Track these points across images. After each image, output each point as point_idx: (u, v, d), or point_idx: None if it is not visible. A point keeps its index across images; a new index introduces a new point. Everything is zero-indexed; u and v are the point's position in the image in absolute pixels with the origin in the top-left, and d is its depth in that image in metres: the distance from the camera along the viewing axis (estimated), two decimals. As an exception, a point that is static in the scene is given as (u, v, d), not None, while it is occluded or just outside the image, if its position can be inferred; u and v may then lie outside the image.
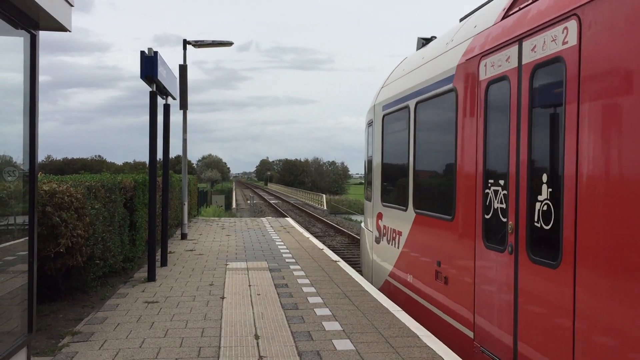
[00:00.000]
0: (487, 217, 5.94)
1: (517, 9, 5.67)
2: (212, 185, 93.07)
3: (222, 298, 8.72)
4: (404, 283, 8.71)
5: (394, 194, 9.47)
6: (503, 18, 5.92)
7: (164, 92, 11.28)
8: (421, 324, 7.33)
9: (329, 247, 18.90)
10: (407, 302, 8.40)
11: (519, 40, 5.33)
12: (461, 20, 7.98)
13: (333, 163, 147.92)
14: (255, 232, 18.61)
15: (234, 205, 52.24)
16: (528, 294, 5.11)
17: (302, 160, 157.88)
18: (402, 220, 8.75)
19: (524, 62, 5.27)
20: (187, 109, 17.10)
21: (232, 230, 19.22)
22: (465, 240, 6.47)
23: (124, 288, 9.48)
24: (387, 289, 9.51)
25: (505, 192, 5.57)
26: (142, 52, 9.65)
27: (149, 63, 9.65)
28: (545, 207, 4.89)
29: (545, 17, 4.89)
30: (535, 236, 5.06)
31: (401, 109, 8.89)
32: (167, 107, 12.07)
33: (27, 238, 5.76)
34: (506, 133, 5.55)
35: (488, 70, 5.96)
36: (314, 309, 8.00)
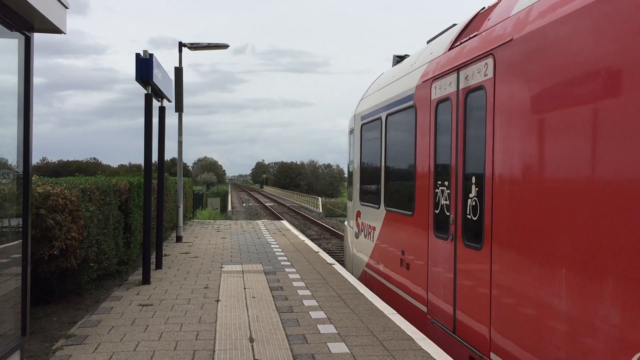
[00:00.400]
0: (437, 212, 7.24)
1: (459, 43, 6.98)
2: (208, 187, 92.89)
3: (217, 301, 8.71)
4: (377, 271, 10.07)
5: (369, 194, 10.80)
6: (449, 49, 7.26)
7: (160, 95, 11.27)
8: (391, 306, 8.39)
9: (324, 249, 18.89)
10: (380, 289, 9.69)
11: (458, 69, 6.66)
12: (428, 42, 9.10)
13: (329, 166, 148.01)
14: (250, 234, 18.59)
15: (229, 208, 52.14)
16: (463, 272, 6.43)
17: (298, 163, 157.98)
18: (375, 217, 10.12)
19: (460, 87, 6.59)
20: (182, 111, 17.09)
21: (227, 232, 19.19)
22: (421, 232, 7.77)
23: (118, 291, 9.45)
24: (364, 278, 10.83)
25: (448, 191, 6.86)
26: (138, 55, 9.64)
27: (145, 65, 9.64)
28: (473, 203, 6.17)
29: (475, 53, 6.22)
30: (467, 226, 6.34)
31: (375, 119, 10.25)
32: (162, 110, 12.06)
33: (21, 240, 5.74)
34: (449, 143, 6.86)
35: (437, 91, 7.31)
36: (309, 312, 7.99)
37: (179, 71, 16.78)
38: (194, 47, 17.67)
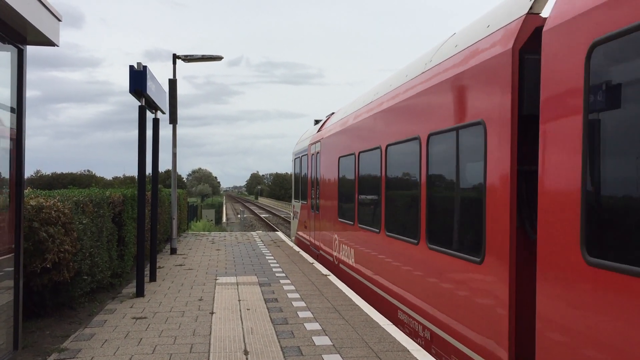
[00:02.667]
0: (312, 200, 16.61)
1: (319, 130, 16.24)
2: (203, 199, 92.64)
3: (212, 313, 8.66)
4: (299, 235, 19.56)
5: (297, 195, 20.36)
6: (317, 132, 16.49)
7: (153, 107, 11.26)
8: (303, 250, 17.40)
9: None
10: (301, 242, 18.85)
11: (316, 142, 16.06)
12: (326, 116, 17.37)
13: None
14: (245, 246, 18.53)
15: (224, 220, 52.00)
16: (317, 224, 15.76)
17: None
18: (298, 207, 19.76)
19: (316, 150, 16.04)
20: (176, 123, 17.07)
21: (222, 244, 19.13)
22: (308, 209, 17.11)
23: (112, 304, 9.39)
24: (296, 240, 20.16)
25: (314, 191, 16.21)
26: (131, 67, 9.63)
27: (138, 77, 9.63)
28: (318, 196, 15.63)
29: (318, 138, 15.73)
30: (317, 205, 15.76)
31: (297, 157, 20.07)
32: (156, 121, 12.03)
33: (13, 254, 5.70)
34: (315, 171, 16.08)
35: (312, 150, 16.67)
36: (304, 324, 7.95)
37: (173, 83, 16.79)
38: (188, 59, 17.70)
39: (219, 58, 18.30)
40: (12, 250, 5.68)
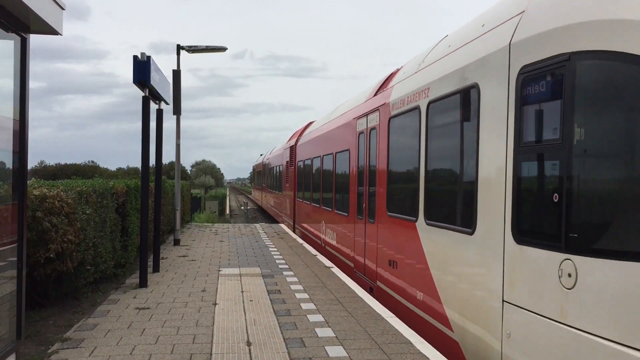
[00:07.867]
0: (256, 185, 55.51)
1: (257, 161, 55.25)
2: (206, 191, 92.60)
3: (215, 304, 8.66)
4: (256, 199, 56.34)
5: (254, 183, 60.40)
6: (256, 162, 55.97)
7: (157, 97, 11.23)
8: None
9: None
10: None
11: (256, 165, 55.22)
12: (258, 156, 53.18)
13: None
14: (248, 238, 18.54)
15: (227, 211, 52.06)
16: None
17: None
18: (256, 189, 55.81)
19: (255, 169, 58.20)
20: (180, 114, 17.05)
21: (225, 236, 19.14)
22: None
23: (115, 294, 9.40)
24: (255, 198, 61.04)
25: (255, 182, 59.22)
26: (135, 57, 9.59)
27: (142, 68, 9.60)
28: (255, 183, 59.21)
29: (254, 165, 63.94)
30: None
31: (255, 168, 56.54)
32: (159, 112, 12.01)
33: (17, 244, 5.69)
34: (256, 176, 56.76)
35: (255, 167, 57.51)
36: (307, 315, 7.95)
37: (177, 74, 16.74)
38: (192, 49, 17.63)
39: (222, 49, 18.24)
40: (15, 241, 5.68)
